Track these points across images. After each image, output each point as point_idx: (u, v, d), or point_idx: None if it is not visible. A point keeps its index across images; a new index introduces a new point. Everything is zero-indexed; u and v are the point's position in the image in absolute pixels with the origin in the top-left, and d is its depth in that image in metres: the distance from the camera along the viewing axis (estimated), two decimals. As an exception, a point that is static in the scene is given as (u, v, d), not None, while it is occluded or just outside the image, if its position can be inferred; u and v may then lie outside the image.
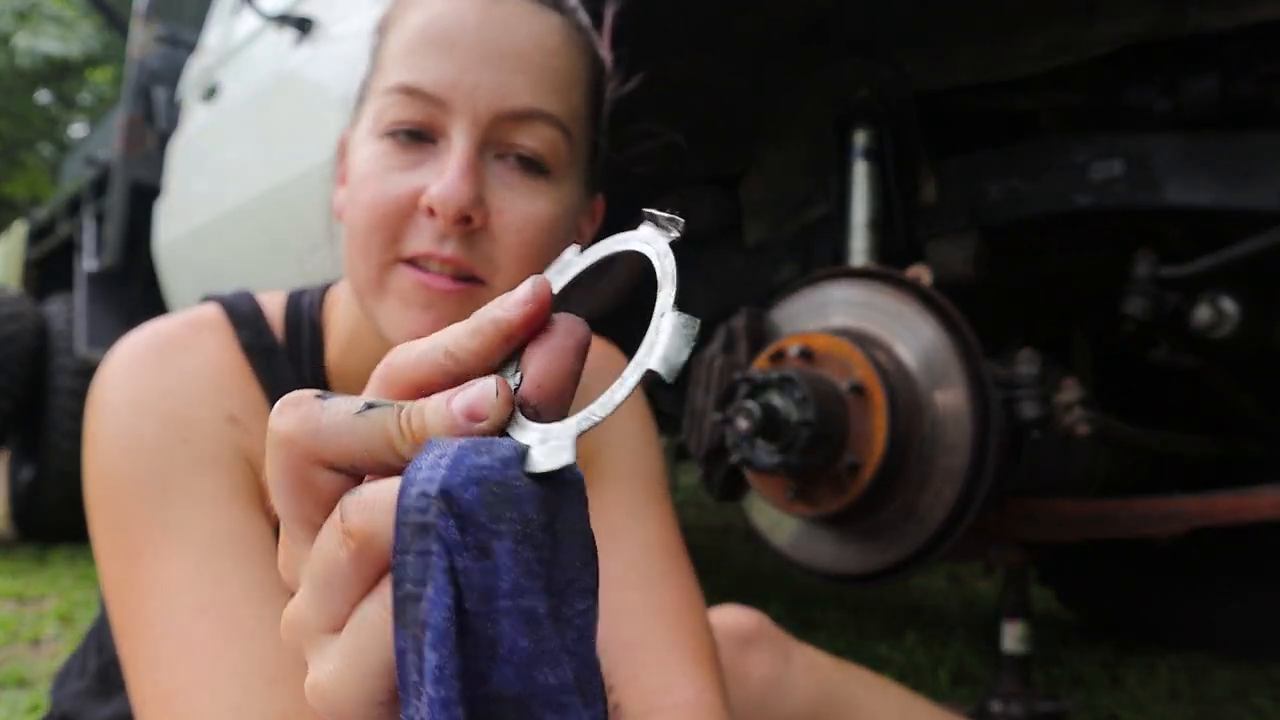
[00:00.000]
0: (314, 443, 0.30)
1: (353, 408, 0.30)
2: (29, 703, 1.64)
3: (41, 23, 10.24)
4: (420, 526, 0.26)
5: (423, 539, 0.26)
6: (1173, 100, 1.23)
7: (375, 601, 0.29)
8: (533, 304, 0.30)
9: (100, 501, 0.69)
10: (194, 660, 0.62)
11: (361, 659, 0.29)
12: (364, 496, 0.29)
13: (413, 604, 0.26)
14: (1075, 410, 1.20)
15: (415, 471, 0.27)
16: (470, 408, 0.29)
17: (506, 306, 0.30)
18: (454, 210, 0.66)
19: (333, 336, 0.79)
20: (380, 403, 0.30)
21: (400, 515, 0.27)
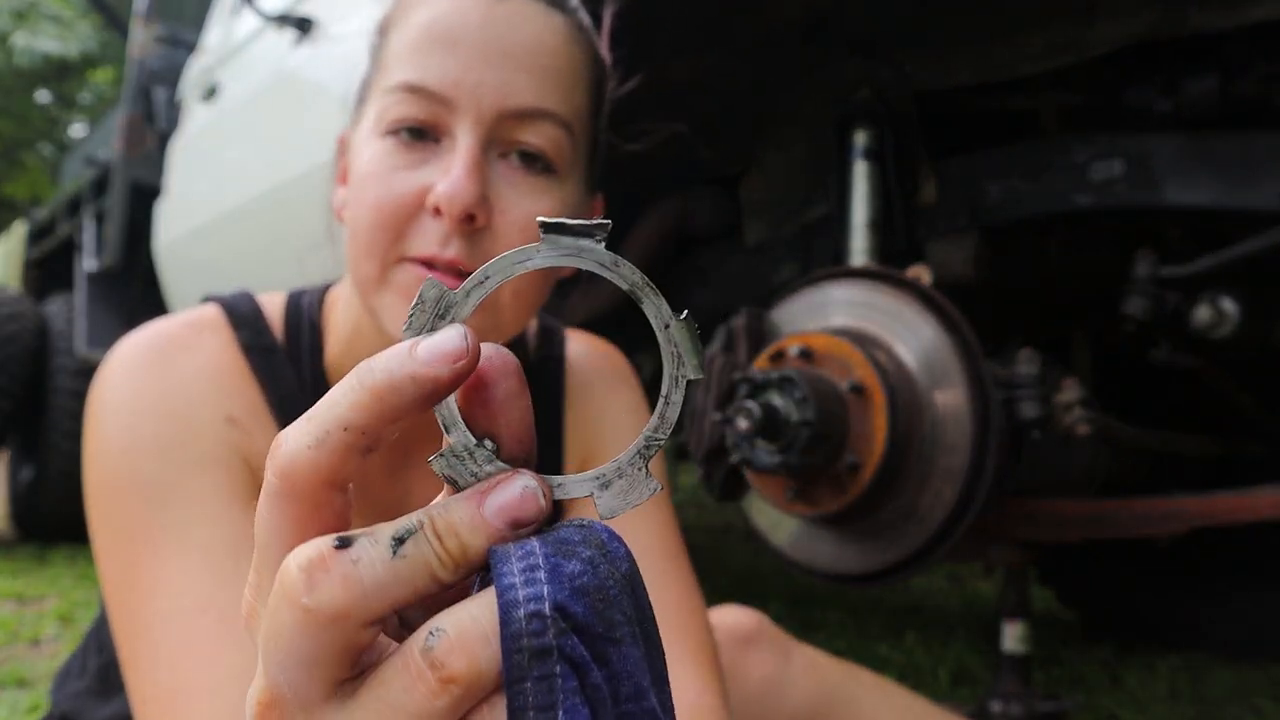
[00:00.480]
0: (364, 609, 0.26)
1: (384, 553, 0.26)
2: (29, 702, 1.64)
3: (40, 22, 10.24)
4: (539, 650, 0.25)
5: (543, 663, 0.25)
6: (1173, 100, 1.23)
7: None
8: (467, 361, 0.27)
9: (99, 501, 0.68)
10: (194, 662, 0.62)
11: None
12: (455, 636, 0.26)
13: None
14: (1075, 410, 1.20)
15: (509, 591, 0.25)
16: (514, 518, 0.27)
17: (431, 363, 0.26)
18: (460, 209, 0.66)
19: (332, 336, 0.79)
20: (405, 532, 0.27)
21: (511, 643, 0.25)
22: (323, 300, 0.81)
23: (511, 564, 0.26)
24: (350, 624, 0.26)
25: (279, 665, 0.27)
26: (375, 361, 0.27)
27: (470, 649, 0.25)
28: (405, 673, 0.26)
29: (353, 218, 0.71)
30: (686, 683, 0.71)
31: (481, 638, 0.26)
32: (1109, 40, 1.20)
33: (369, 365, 0.27)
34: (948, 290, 1.18)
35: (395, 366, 0.26)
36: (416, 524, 0.27)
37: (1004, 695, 1.20)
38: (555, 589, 0.25)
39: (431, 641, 0.26)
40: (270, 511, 0.28)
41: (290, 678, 0.27)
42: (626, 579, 0.27)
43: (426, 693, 0.25)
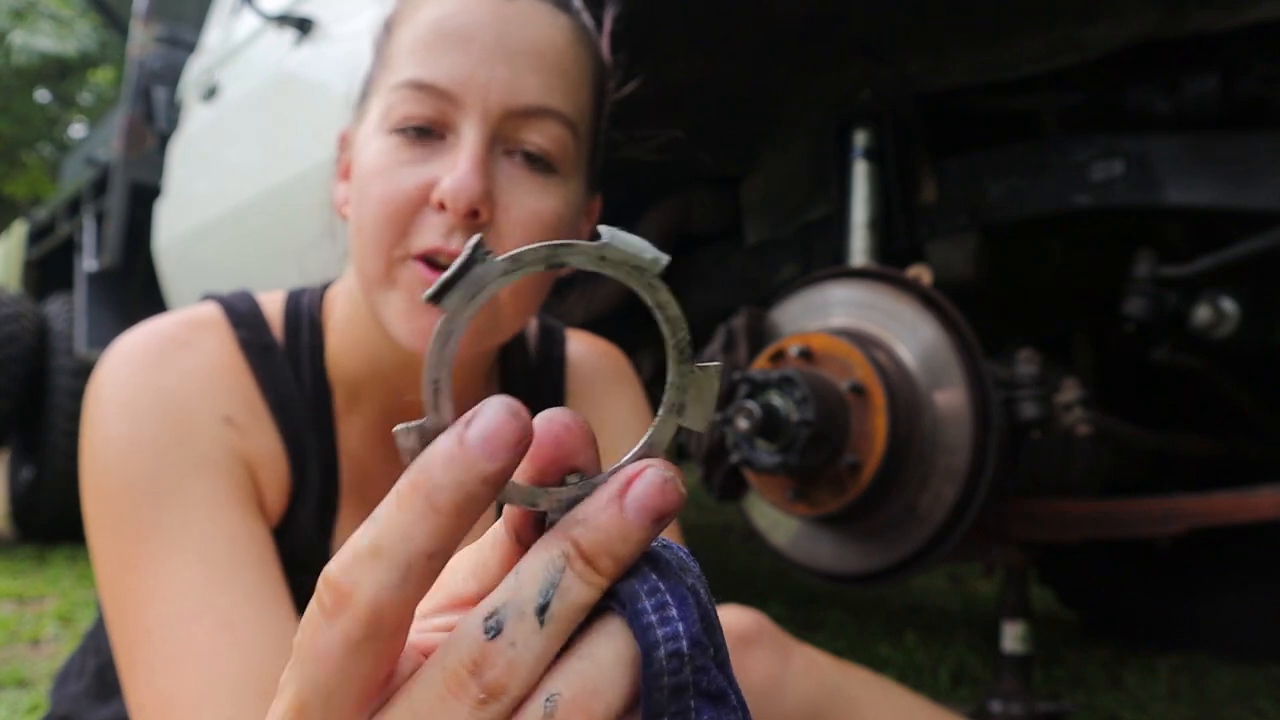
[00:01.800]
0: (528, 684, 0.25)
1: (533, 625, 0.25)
2: (29, 703, 1.64)
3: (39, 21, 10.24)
4: (677, 688, 0.24)
5: (679, 699, 0.24)
6: (1173, 100, 1.23)
7: None
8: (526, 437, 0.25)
9: (96, 502, 0.68)
10: (191, 666, 0.62)
11: None
12: (574, 698, 0.25)
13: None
14: (1075, 410, 1.20)
15: (646, 631, 0.25)
16: (659, 513, 0.25)
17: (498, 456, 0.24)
18: (465, 204, 0.66)
19: (333, 335, 0.79)
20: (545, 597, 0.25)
21: (651, 683, 0.24)
22: (323, 299, 0.81)
23: (644, 602, 0.25)
24: (516, 704, 0.25)
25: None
26: (436, 474, 0.24)
27: (588, 708, 0.25)
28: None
29: (357, 213, 0.71)
30: None
31: (593, 692, 0.25)
32: (1109, 40, 1.20)
33: (432, 483, 0.24)
34: (948, 290, 1.18)
35: (464, 476, 0.24)
36: (554, 571, 0.25)
37: (1004, 695, 1.20)
38: (688, 625, 0.25)
39: (550, 706, 0.25)
40: (354, 658, 0.25)
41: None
42: (711, 598, 0.27)
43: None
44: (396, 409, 0.81)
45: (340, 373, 0.79)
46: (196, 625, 0.63)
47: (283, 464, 0.75)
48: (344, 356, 0.79)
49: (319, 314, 0.80)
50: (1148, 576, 2.04)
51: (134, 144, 2.94)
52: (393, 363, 0.77)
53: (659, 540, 0.27)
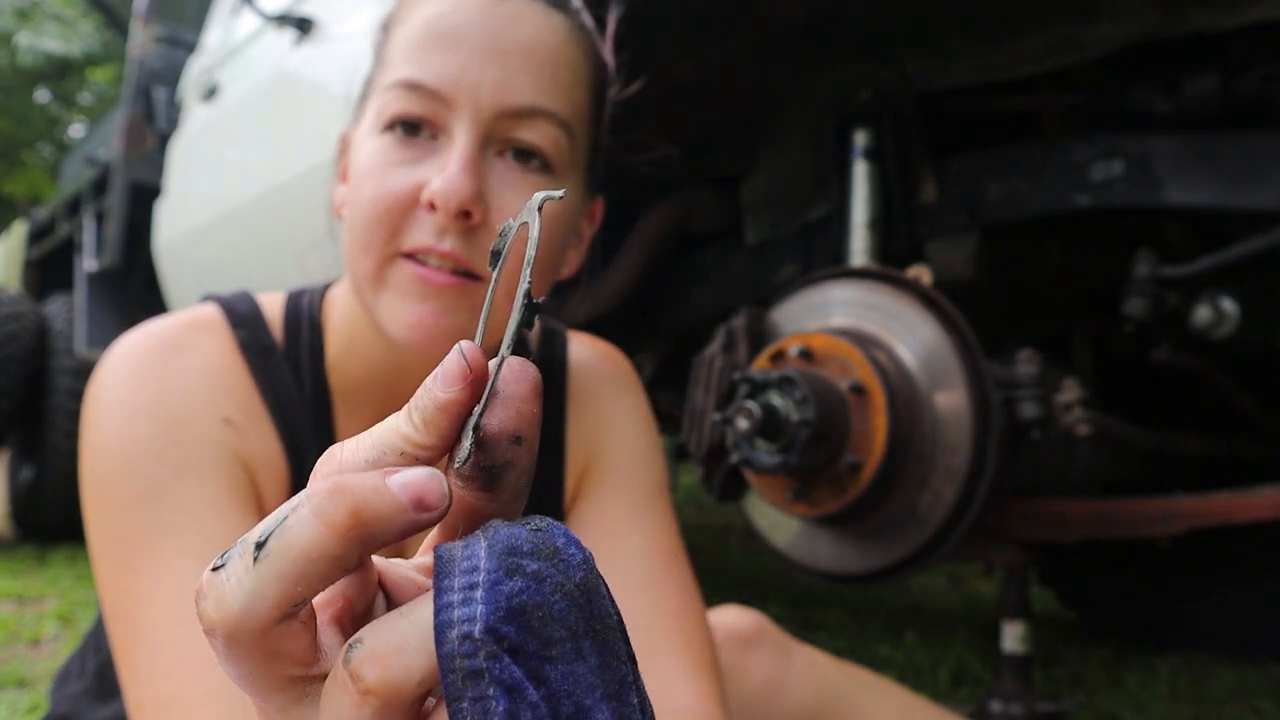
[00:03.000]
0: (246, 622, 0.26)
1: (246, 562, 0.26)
2: (29, 703, 1.64)
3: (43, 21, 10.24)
4: (472, 672, 0.25)
5: (476, 684, 0.25)
6: (1173, 100, 1.23)
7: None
8: (471, 380, 0.28)
9: (96, 502, 0.68)
10: (190, 670, 0.62)
11: None
12: (369, 648, 0.26)
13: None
14: (1075, 410, 1.20)
15: (447, 609, 0.25)
16: (418, 496, 0.26)
17: (446, 388, 0.28)
18: (455, 205, 0.66)
19: (332, 336, 0.79)
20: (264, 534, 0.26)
21: (445, 664, 0.25)
22: (323, 300, 0.81)
23: (454, 579, 0.25)
24: (244, 639, 0.26)
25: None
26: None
27: (384, 661, 0.25)
28: (335, 682, 0.26)
29: (350, 214, 0.71)
30: (685, 689, 0.70)
31: (398, 649, 0.25)
32: (1109, 40, 1.20)
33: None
34: (948, 290, 1.18)
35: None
36: (291, 509, 0.26)
37: (1004, 695, 1.20)
38: (489, 609, 0.25)
39: (350, 654, 0.25)
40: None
41: (249, 692, 0.28)
42: (580, 589, 0.26)
43: (351, 703, 0.25)
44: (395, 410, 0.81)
45: (340, 374, 0.79)
46: (194, 627, 0.63)
47: (282, 465, 0.75)
48: (344, 358, 0.79)
49: (319, 315, 0.80)
50: (1148, 576, 2.04)
51: (134, 144, 2.94)
52: (390, 364, 0.77)
53: (536, 521, 0.27)
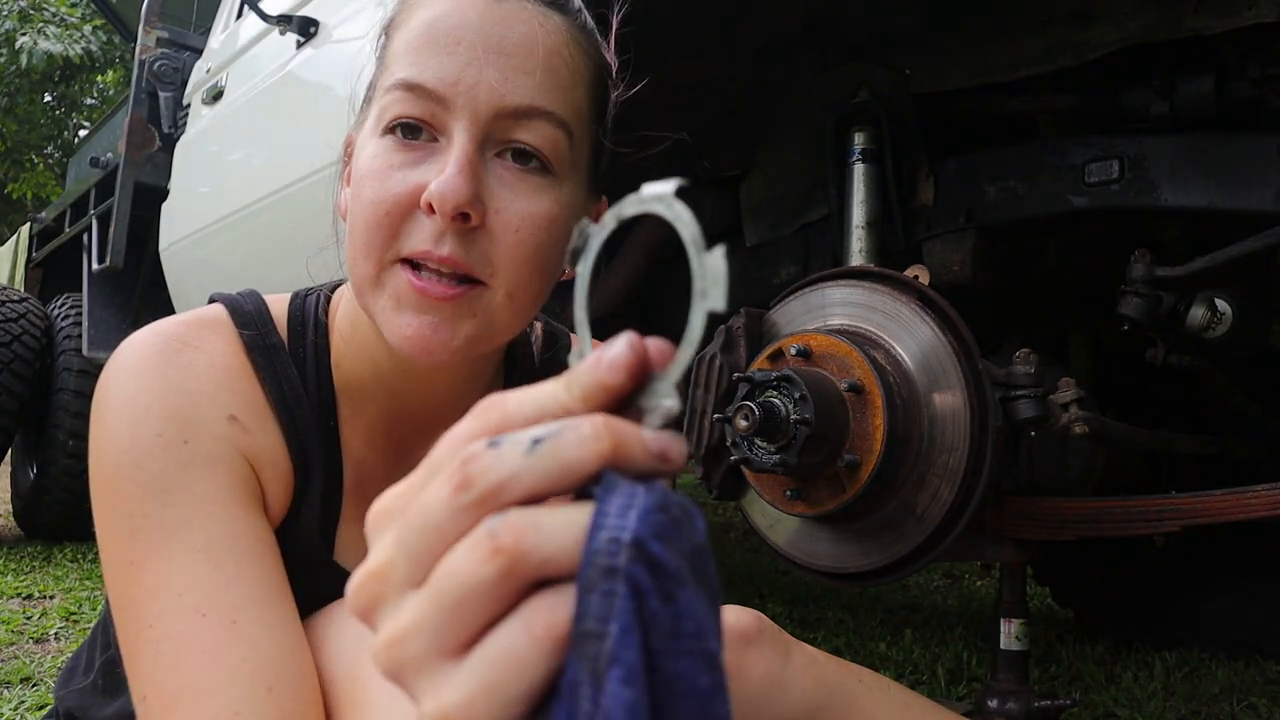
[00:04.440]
0: (504, 492, 0.30)
1: (523, 448, 0.30)
2: (35, 700, 1.65)
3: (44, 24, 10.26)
4: (608, 569, 0.28)
5: (609, 580, 0.28)
6: (1169, 103, 1.24)
7: (515, 630, 0.29)
8: (635, 371, 0.32)
9: (103, 498, 0.69)
10: (197, 662, 0.63)
11: (502, 689, 0.29)
12: (517, 521, 0.29)
13: (594, 640, 0.28)
14: (1072, 410, 1.21)
15: (604, 517, 0.29)
16: (664, 452, 0.31)
17: (611, 375, 0.31)
18: (451, 206, 0.66)
19: (337, 336, 0.80)
20: (544, 434, 0.30)
21: (589, 556, 0.28)
22: (329, 300, 0.82)
23: (613, 499, 0.29)
24: (485, 503, 0.30)
25: (411, 534, 0.31)
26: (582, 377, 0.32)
27: (523, 533, 0.29)
28: (469, 539, 0.29)
29: (351, 217, 0.72)
30: None
31: (537, 528, 0.29)
32: (1105, 43, 1.21)
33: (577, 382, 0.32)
34: (946, 290, 1.19)
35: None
36: (562, 425, 0.31)
37: (1001, 692, 1.21)
38: (640, 526, 0.29)
39: (494, 520, 0.29)
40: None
41: (414, 546, 0.30)
42: (699, 550, 0.30)
43: (478, 557, 0.29)
44: (398, 411, 0.81)
45: (344, 374, 0.80)
46: (202, 620, 0.64)
47: (286, 464, 0.76)
48: (348, 358, 0.80)
49: (324, 315, 0.81)
50: (1143, 575, 2.04)
51: (139, 146, 2.95)
52: (392, 365, 0.78)
53: (679, 496, 0.32)
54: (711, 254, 0.33)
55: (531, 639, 0.28)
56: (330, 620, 0.74)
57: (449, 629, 0.29)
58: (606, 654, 0.27)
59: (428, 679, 0.30)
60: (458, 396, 0.83)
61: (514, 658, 0.29)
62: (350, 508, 0.80)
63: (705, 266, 0.33)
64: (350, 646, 0.70)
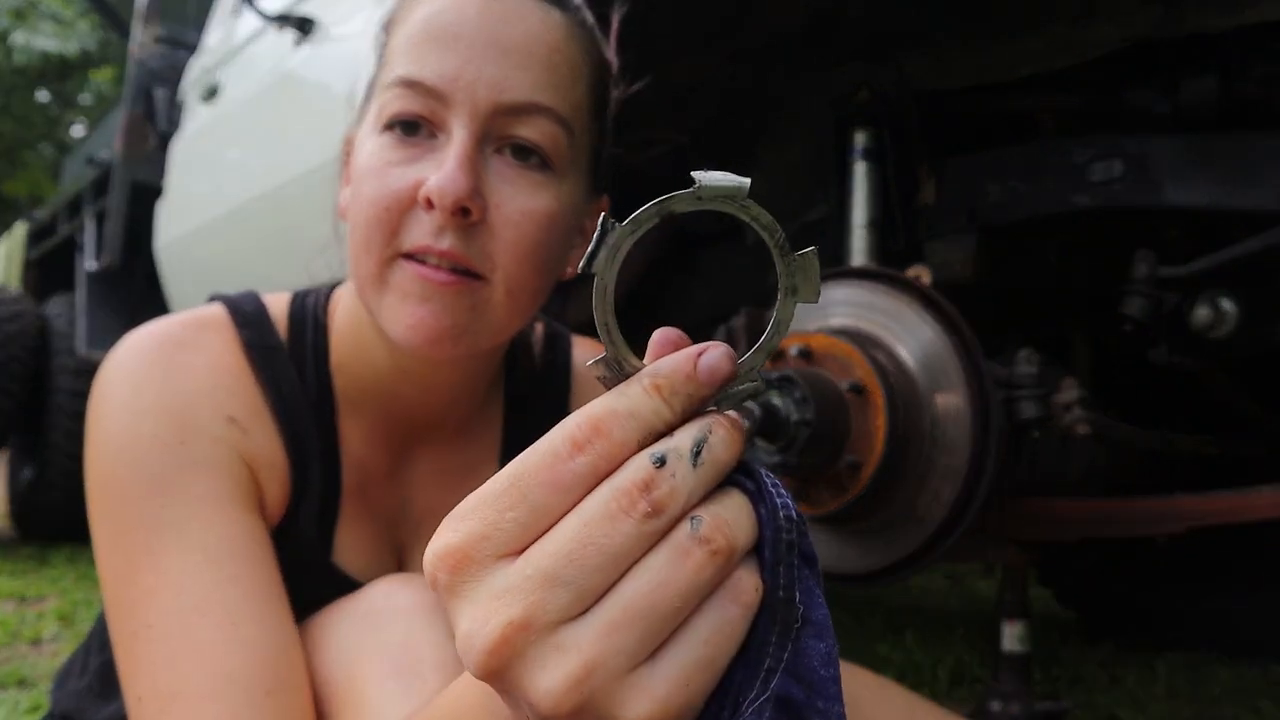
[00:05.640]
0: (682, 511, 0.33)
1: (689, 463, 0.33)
2: (30, 702, 1.64)
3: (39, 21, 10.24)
4: (789, 544, 0.33)
5: (790, 554, 0.33)
6: (1172, 101, 1.23)
7: (725, 605, 0.32)
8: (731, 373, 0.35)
9: (101, 498, 0.69)
10: (194, 663, 0.62)
11: (717, 660, 0.31)
12: (713, 521, 0.32)
13: (784, 606, 0.32)
14: (1074, 410, 1.20)
15: (772, 496, 0.34)
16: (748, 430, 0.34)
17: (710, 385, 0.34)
18: (451, 201, 0.65)
19: (337, 337, 0.80)
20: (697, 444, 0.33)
21: (775, 534, 0.33)
22: (329, 300, 0.82)
23: (768, 479, 0.34)
24: (672, 524, 0.32)
25: (580, 571, 0.31)
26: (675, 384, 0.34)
27: (726, 531, 0.32)
28: (674, 551, 0.31)
29: (352, 214, 0.71)
30: None
31: (730, 523, 0.32)
32: (1108, 41, 1.21)
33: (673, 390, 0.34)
34: (947, 290, 1.18)
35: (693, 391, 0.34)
36: (703, 432, 0.33)
37: (1003, 694, 1.20)
38: (791, 502, 0.34)
39: (696, 526, 0.32)
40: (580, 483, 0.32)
41: (585, 582, 0.31)
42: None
43: (695, 565, 0.31)
44: (398, 412, 0.81)
45: (344, 375, 0.79)
46: (200, 621, 0.63)
47: (283, 464, 0.75)
48: (347, 358, 0.79)
49: (324, 316, 0.80)
50: (1146, 576, 2.04)
51: (135, 144, 2.94)
52: (392, 365, 0.77)
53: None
54: (804, 253, 0.35)
55: (743, 608, 0.32)
56: (329, 622, 0.73)
57: (654, 639, 0.31)
58: (798, 616, 0.32)
59: (626, 690, 0.31)
60: (457, 397, 0.82)
61: (728, 630, 0.32)
62: (349, 509, 0.80)
63: (794, 265, 0.35)
64: (349, 649, 0.69)
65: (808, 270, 0.35)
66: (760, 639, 0.32)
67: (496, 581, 0.31)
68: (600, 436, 0.32)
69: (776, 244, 0.35)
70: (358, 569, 0.79)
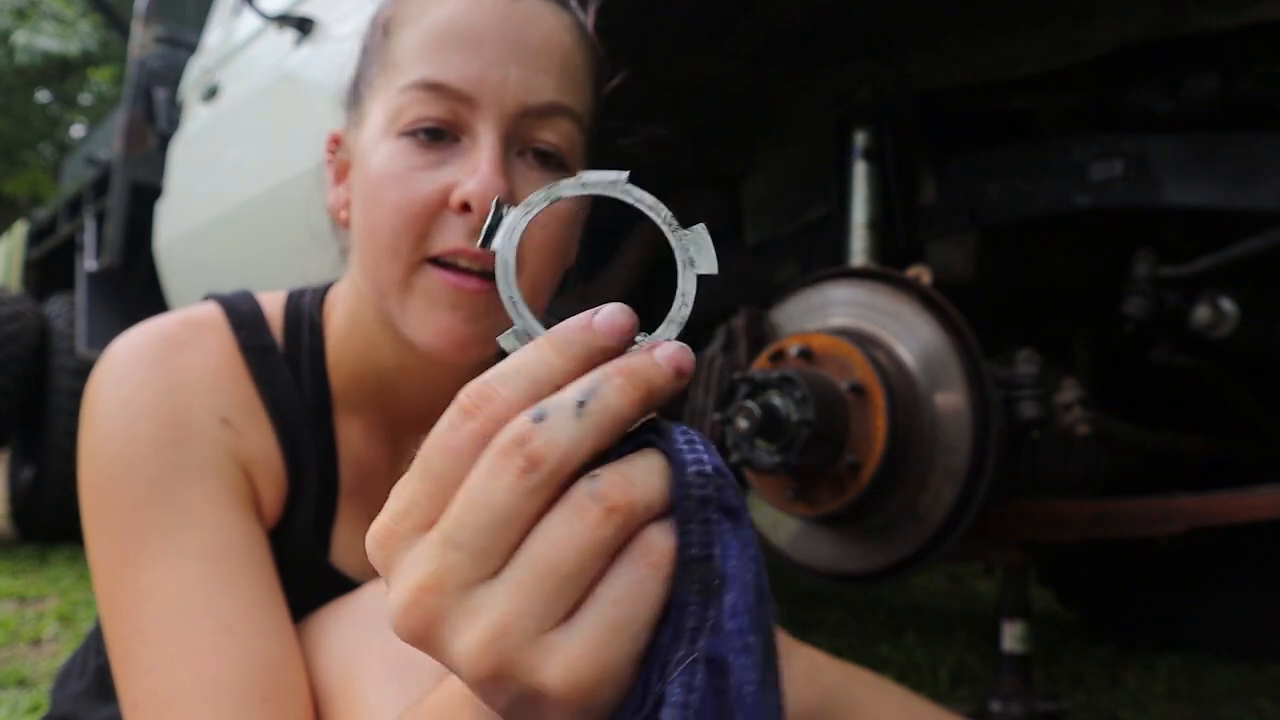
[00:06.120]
0: (565, 465, 0.31)
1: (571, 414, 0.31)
2: (29, 703, 1.64)
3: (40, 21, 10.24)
4: (703, 500, 0.31)
5: (705, 509, 0.31)
6: (1173, 100, 1.23)
7: (635, 567, 0.31)
8: (630, 330, 0.34)
9: (95, 500, 0.68)
10: (190, 668, 0.62)
11: (631, 622, 0.31)
12: (612, 478, 0.31)
13: (700, 564, 0.31)
14: (1075, 410, 1.20)
15: (680, 454, 0.32)
16: (679, 367, 0.33)
17: (610, 337, 0.33)
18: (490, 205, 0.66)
19: (333, 337, 0.79)
20: (584, 395, 0.31)
21: (682, 491, 0.31)
22: (324, 300, 0.81)
23: (676, 435, 0.33)
24: (555, 478, 0.31)
25: (473, 533, 0.31)
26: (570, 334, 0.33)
27: (625, 488, 0.31)
28: (572, 507, 0.31)
29: (370, 220, 0.70)
30: None
31: (631, 481, 0.31)
32: (1109, 40, 1.20)
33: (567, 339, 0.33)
34: (948, 290, 1.18)
35: (590, 340, 0.33)
36: (594, 382, 0.32)
37: (1004, 695, 1.20)
38: (712, 457, 0.32)
39: (593, 483, 0.31)
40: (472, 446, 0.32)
41: (481, 542, 0.31)
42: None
43: (592, 521, 0.30)
44: (396, 410, 0.81)
45: (341, 375, 0.79)
46: (196, 626, 0.63)
47: (279, 465, 0.75)
48: (345, 358, 0.79)
49: (319, 316, 0.80)
50: (1147, 576, 2.04)
51: (135, 144, 2.94)
52: (396, 365, 0.77)
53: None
54: (694, 227, 0.35)
55: (652, 568, 0.31)
56: (326, 623, 0.73)
57: (561, 599, 0.30)
58: (717, 573, 0.31)
59: (541, 652, 0.30)
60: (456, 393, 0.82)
61: (639, 591, 0.31)
62: (347, 509, 0.80)
63: (686, 239, 0.35)
64: (347, 650, 0.69)
65: (700, 242, 0.35)
66: (681, 600, 0.31)
67: (414, 551, 0.32)
68: (487, 400, 0.32)
69: (665, 221, 0.35)
70: (355, 569, 0.79)
